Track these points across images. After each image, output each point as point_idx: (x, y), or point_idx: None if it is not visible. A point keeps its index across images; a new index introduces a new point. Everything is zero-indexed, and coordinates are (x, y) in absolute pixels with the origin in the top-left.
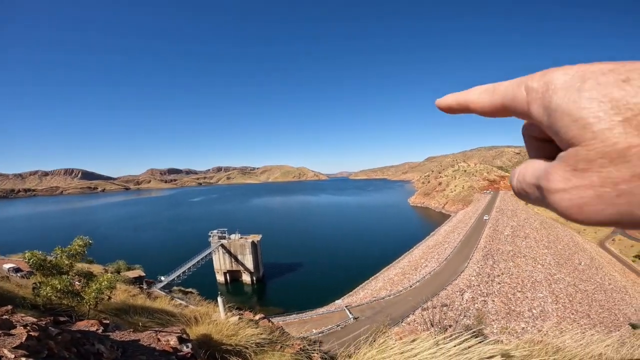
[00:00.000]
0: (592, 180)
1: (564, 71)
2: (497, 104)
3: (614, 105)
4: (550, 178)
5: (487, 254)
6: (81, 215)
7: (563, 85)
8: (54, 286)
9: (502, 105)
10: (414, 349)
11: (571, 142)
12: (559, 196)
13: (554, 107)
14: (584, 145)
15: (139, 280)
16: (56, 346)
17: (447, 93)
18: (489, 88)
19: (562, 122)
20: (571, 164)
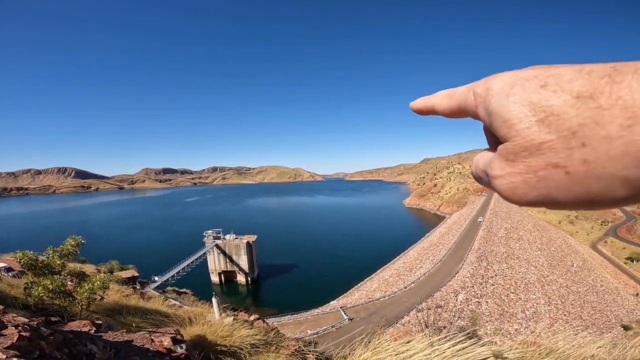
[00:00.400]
0: (519, 169)
1: (501, 78)
2: (454, 107)
3: (531, 107)
4: (492, 166)
5: (481, 256)
6: (74, 214)
7: (498, 90)
8: (46, 286)
9: (459, 108)
10: (409, 350)
11: (503, 138)
12: (497, 181)
13: (491, 110)
14: (511, 141)
15: (132, 280)
16: (48, 347)
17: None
18: (449, 93)
19: (497, 122)
20: (504, 155)
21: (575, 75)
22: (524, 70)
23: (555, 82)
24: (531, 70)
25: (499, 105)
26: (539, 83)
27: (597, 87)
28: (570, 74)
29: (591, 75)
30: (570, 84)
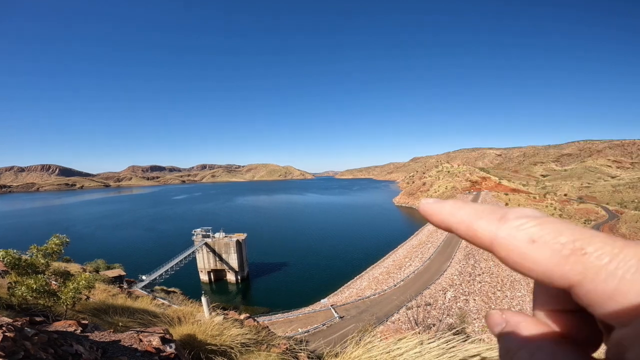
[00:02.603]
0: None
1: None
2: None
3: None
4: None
5: (469, 254)
6: (58, 212)
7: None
8: (30, 286)
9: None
10: (400, 349)
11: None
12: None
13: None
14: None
15: (119, 279)
16: (33, 347)
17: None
18: (490, 223)
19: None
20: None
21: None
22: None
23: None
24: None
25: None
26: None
27: None
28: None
29: None
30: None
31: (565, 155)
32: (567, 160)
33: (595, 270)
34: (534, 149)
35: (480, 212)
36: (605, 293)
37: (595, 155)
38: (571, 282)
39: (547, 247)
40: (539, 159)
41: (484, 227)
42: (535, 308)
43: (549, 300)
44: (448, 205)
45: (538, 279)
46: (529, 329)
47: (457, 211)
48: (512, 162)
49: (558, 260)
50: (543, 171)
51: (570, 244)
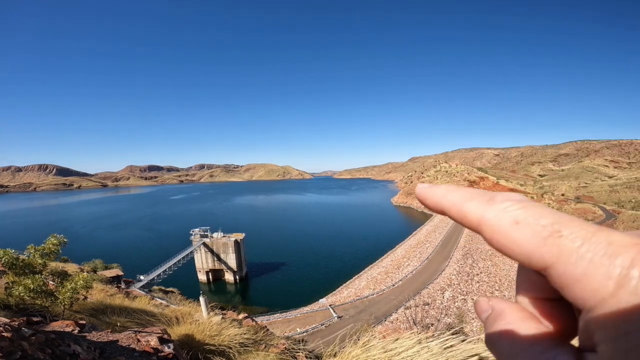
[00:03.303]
0: None
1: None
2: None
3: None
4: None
5: (467, 253)
6: (56, 212)
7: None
8: (27, 286)
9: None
10: (398, 348)
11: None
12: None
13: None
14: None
15: (116, 279)
16: (30, 347)
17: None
18: (481, 205)
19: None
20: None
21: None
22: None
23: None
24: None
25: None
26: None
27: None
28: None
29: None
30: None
31: (563, 155)
32: (564, 160)
33: (568, 253)
34: (532, 149)
35: (471, 195)
36: (574, 276)
37: (593, 155)
38: (547, 263)
39: (528, 229)
40: (537, 159)
41: (473, 209)
42: (518, 294)
43: (531, 287)
44: (441, 189)
45: (519, 260)
46: (512, 315)
47: (450, 194)
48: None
49: (537, 241)
50: (541, 171)
51: (549, 226)
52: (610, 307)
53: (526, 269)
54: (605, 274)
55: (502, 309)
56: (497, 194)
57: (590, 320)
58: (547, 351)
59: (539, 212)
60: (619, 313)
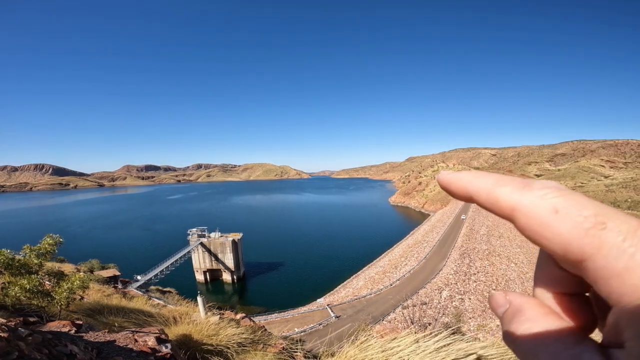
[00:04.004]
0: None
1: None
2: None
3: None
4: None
5: (464, 253)
6: (52, 212)
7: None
8: (23, 286)
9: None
10: (395, 347)
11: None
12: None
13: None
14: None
15: (113, 279)
16: (27, 347)
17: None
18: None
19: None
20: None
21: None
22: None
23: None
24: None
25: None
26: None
27: None
28: None
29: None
30: None
31: (559, 155)
32: (560, 160)
33: (610, 246)
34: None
35: (502, 180)
36: (614, 270)
37: (589, 155)
38: (585, 255)
39: (569, 219)
40: (533, 158)
41: (506, 194)
42: (537, 288)
43: (552, 282)
44: (468, 174)
45: (555, 250)
46: (531, 310)
47: (478, 179)
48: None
49: (578, 232)
50: (537, 171)
51: (592, 218)
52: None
53: (547, 263)
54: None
55: (520, 304)
56: (533, 180)
57: (624, 315)
58: (571, 348)
59: (581, 201)
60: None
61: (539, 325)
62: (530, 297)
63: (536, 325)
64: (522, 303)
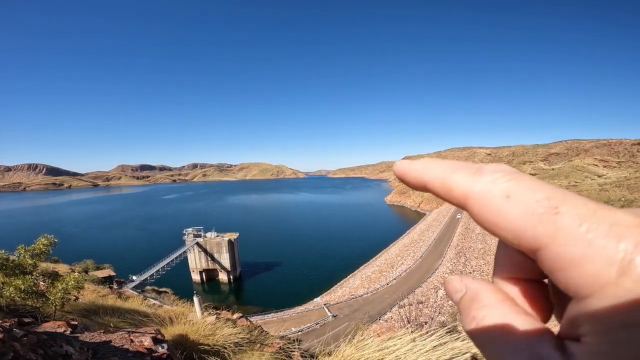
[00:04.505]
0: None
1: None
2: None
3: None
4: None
5: (460, 252)
6: (46, 212)
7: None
8: (17, 286)
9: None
10: (392, 346)
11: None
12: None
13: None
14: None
15: (108, 280)
16: (22, 348)
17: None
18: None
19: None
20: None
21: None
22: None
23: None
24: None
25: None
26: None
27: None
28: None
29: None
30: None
31: (553, 155)
32: (555, 160)
33: (566, 233)
34: (523, 148)
35: (456, 167)
36: (571, 259)
37: (583, 155)
38: (540, 243)
39: (521, 204)
40: (528, 158)
41: (459, 182)
42: (495, 275)
43: (511, 267)
44: (422, 162)
45: (509, 239)
46: (488, 296)
47: (432, 167)
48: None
49: (531, 218)
50: (532, 170)
51: (544, 201)
52: (610, 296)
53: (506, 247)
54: (606, 259)
55: (477, 290)
56: (485, 165)
57: (583, 309)
58: (527, 338)
59: (534, 185)
60: (619, 303)
61: (496, 313)
62: (487, 282)
63: (492, 312)
64: (479, 288)
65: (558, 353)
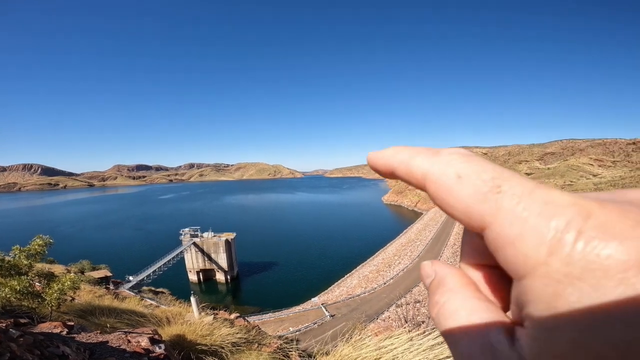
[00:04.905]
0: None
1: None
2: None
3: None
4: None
5: (456, 251)
6: (41, 213)
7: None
8: (13, 287)
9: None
10: (389, 346)
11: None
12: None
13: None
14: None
15: (105, 280)
16: (18, 349)
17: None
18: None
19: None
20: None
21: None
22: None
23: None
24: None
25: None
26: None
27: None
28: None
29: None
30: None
31: (549, 154)
32: (550, 159)
33: (506, 211)
34: (519, 148)
35: (418, 151)
36: (509, 238)
37: (578, 154)
38: (485, 222)
39: (470, 183)
40: (524, 157)
41: (419, 164)
42: (461, 260)
43: (473, 253)
44: (390, 150)
45: (460, 218)
46: (452, 281)
47: (398, 153)
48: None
49: (478, 197)
50: (527, 169)
51: (490, 181)
52: (540, 276)
53: (469, 232)
54: (537, 238)
55: (444, 275)
56: (444, 148)
57: (520, 291)
58: (481, 326)
59: (483, 165)
60: (549, 284)
61: (457, 298)
62: (455, 267)
63: (454, 297)
64: (446, 274)
65: (507, 339)
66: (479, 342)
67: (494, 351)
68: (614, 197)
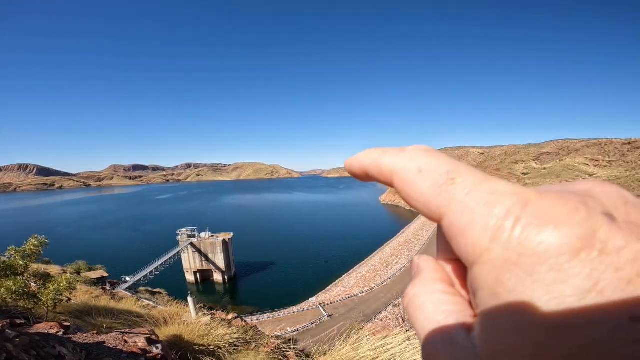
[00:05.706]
0: None
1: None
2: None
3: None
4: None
5: None
6: (37, 213)
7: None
8: (9, 287)
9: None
10: (387, 345)
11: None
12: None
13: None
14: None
15: (101, 281)
16: (14, 349)
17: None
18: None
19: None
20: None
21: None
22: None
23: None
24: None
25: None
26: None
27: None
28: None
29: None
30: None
31: (545, 154)
32: (546, 159)
33: (457, 201)
34: (515, 148)
35: (386, 150)
36: (461, 226)
37: (574, 154)
38: (441, 213)
39: (429, 177)
40: (520, 157)
41: (386, 161)
42: (437, 255)
43: (444, 247)
44: (363, 152)
45: (422, 210)
46: (427, 274)
47: (369, 154)
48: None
49: (435, 189)
50: (524, 169)
51: (445, 174)
52: (484, 263)
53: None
54: (482, 226)
55: (422, 269)
56: (410, 146)
57: (470, 278)
58: (442, 318)
59: (441, 159)
60: (491, 270)
61: (426, 291)
62: (434, 260)
63: (423, 290)
64: (424, 267)
65: (464, 330)
66: (440, 335)
67: (453, 343)
68: (563, 188)
